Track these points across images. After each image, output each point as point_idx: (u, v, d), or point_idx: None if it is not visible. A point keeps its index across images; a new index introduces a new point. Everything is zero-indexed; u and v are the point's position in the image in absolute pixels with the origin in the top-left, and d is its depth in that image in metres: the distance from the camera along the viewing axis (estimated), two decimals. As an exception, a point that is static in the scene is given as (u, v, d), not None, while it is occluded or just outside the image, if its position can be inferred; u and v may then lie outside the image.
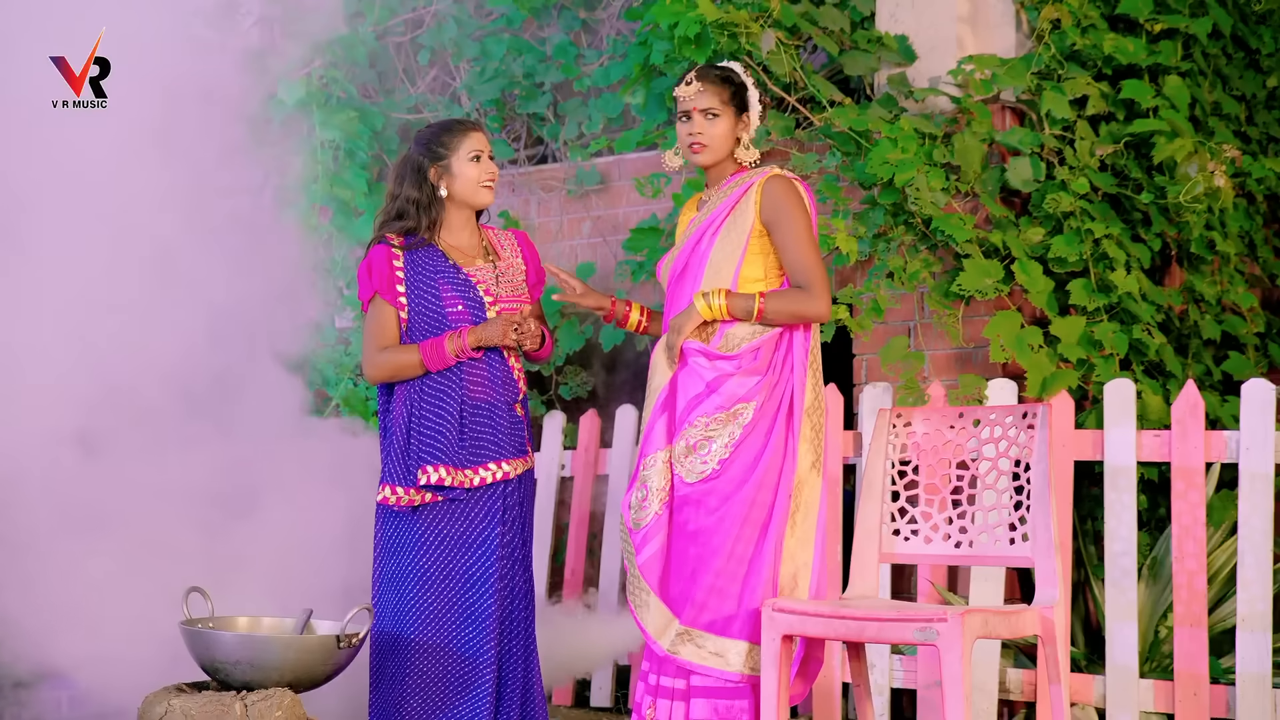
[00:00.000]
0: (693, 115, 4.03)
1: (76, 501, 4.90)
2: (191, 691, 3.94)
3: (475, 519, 4.15)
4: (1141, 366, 5.18)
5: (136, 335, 5.06)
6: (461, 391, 4.15)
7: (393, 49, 6.89)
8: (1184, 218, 5.22)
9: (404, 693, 4.11)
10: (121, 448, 5.01)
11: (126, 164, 5.14)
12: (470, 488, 4.14)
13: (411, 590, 4.12)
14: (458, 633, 4.12)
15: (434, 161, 4.20)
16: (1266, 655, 4.52)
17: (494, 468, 4.16)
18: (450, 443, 4.11)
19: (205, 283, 5.29)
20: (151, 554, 4.89)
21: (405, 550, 4.15)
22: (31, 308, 4.95)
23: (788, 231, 3.96)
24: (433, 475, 4.08)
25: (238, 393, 5.36)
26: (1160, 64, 5.43)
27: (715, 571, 3.91)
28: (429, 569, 4.13)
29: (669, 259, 4.15)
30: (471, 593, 4.13)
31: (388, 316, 4.19)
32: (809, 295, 3.94)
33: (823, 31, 5.52)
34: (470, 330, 4.12)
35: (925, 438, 4.14)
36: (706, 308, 3.95)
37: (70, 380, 4.93)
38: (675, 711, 3.93)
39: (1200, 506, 4.66)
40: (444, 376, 4.15)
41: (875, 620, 3.69)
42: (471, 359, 4.16)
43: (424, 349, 4.13)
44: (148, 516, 4.96)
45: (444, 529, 4.14)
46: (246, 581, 4.78)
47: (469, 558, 4.14)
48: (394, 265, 4.18)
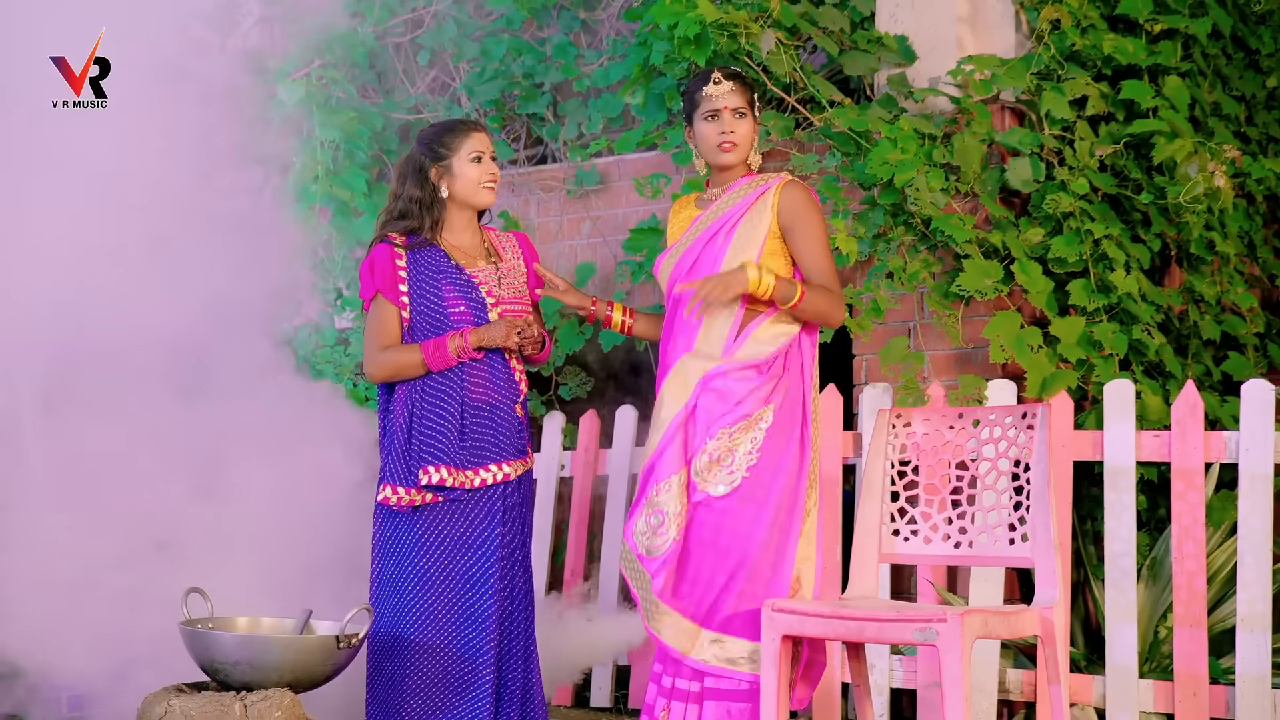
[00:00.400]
0: (722, 114, 4.02)
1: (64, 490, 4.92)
2: (191, 692, 3.94)
3: (475, 520, 4.15)
4: (1141, 367, 5.18)
5: (125, 334, 5.07)
6: (463, 392, 4.15)
7: (392, 49, 6.89)
8: (1184, 218, 5.23)
9: (403, 694, 4.11)
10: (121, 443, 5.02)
11: (125, 164, 5.14)
12: (471, 489, 4.14)
13: (411, 591, 4.12)
14: (458, 634, 4.12)
15: (435, 161, 4.21)
16: (1266, 655, 4.52)
17: (495, 469, 4.16)
18: (451, 443, 4.11)
19: (205, 283, 5.29)
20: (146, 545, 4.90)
21: (405, 551, 4.15)
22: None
23: (807, 236, 3.97)
24: (434, 475, 4.08)
25: (231, 385, 5.36)
26: (1160, 64, 5.43)
27: (748, 578, 3.90)
28: (429, 570, 4.12)
29: (669, 257, 4.12)
30: (471, 594, 4.13)
31: (390, 316, 4.18)
32: (836, 299, 3.97)
33: (822, 32, 5.52)
34: (473, 330, 4.12)
35: (925, 438, 4.14)
36: (756, 280, 3.90)
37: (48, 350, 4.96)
38: (689, 714, 3.93)
39: (1200, 507, 4.66)
40: (445, 377, 4.15)
41: (875, 620, 3.69)
42: (473, 360, 4.16)
43: (426, 349, 4.13)
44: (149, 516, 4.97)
45: (444, 530, 4.13)
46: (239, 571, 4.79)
47: (469, 559, 4.14)
48: (397, 264, 4.18)
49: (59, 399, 5.01)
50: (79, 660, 4.84)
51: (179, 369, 5.21)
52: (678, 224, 4.18)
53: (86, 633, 4.81)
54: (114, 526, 4.92)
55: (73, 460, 4.96)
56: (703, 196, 4.15)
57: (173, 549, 4.93)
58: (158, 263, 5.20)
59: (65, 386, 5.01)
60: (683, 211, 4.19)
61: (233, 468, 5.16)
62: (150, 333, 5.08)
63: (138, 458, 5.00)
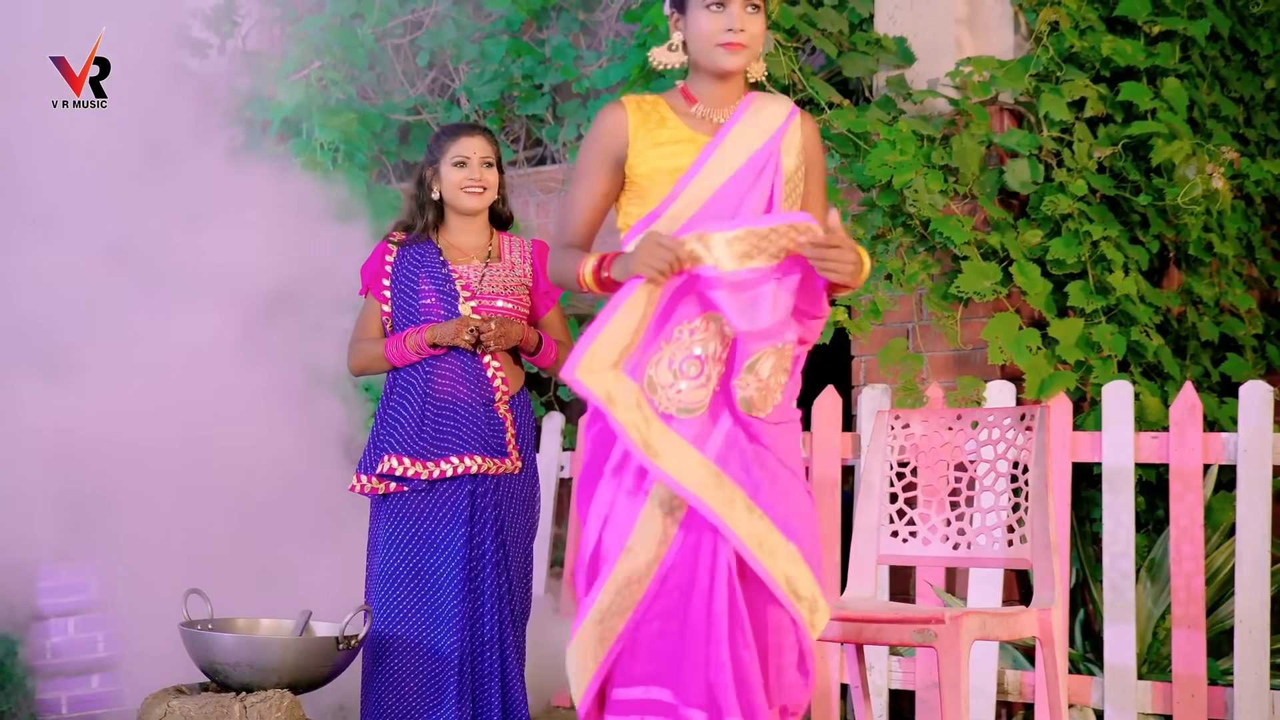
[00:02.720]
0: (729, 4, 3.11)
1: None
2: (191, 693, 3.95)
3: (440, 519, 4.17)
4: (1140, 368, 5.19)
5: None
6: (426, 386, 4.19)
7: (391, 51, 6.89)
8: (1182, 219, 5.23)
9: (382, 691, 4.14)
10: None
11: (124, 164, 5.14)
12: (431, 480, 4.14)
13: (385, 589, 4.17)
14: (427, 632, 4.14)
15: (430, 164, 4.29)
16: (1264, 657, 4.52)
17: (456, 461, 4.15)
18: (409, 434, 4.16)
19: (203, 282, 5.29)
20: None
21: (380, 549, 4.20)
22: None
23: (820, 179, 3.29)
24: (389, 464, 4.14)
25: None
26: (1158, 66, 5.43)
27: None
28: (399, 568, 4.17)
29: (688, 200, 3.12)
30: (437, 593, 4.15)
31: (371, 310, 4.31)
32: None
33: (821, 33, 5.53)
34: (429, 327, 4.17)
35: (923, 439, 4.14)
36: (866, 267, 3.12)
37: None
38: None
39: (1198, 508, 4.66)
40: (412, 371, 4.22)
41: (873, 621, 3.69)
42: (438, 355, 4.18)
43: (388, 343, 4.23)
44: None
45: (411, 528, 4.17)
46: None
47: (434, 559, 4.16)
48: (385, 261, 4.28)
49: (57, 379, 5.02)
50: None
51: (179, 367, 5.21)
52: (678, 150, 3.17)
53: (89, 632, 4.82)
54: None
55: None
56: (689, 111, 3.21)
57: (174, 549, 4.93)
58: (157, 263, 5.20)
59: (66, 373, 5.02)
60: (669, 129, 3.18)
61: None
62: (150, 330, 5.09)
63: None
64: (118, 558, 4.98)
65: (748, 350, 3.06)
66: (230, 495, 5.07)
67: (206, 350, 5.12)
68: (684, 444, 3.04)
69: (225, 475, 5.08)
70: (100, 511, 4.95)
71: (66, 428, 4.88)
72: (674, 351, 3.06)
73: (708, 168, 3.13)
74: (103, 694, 4.97)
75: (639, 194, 3.18)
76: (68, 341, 5.00)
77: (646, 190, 3.17)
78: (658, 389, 3.06)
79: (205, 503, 5.03)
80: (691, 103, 3.20)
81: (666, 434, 3.04)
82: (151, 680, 4.32)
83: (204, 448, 5.09)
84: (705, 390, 3.07)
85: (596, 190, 3.21)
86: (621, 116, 3.19)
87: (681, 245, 2.99)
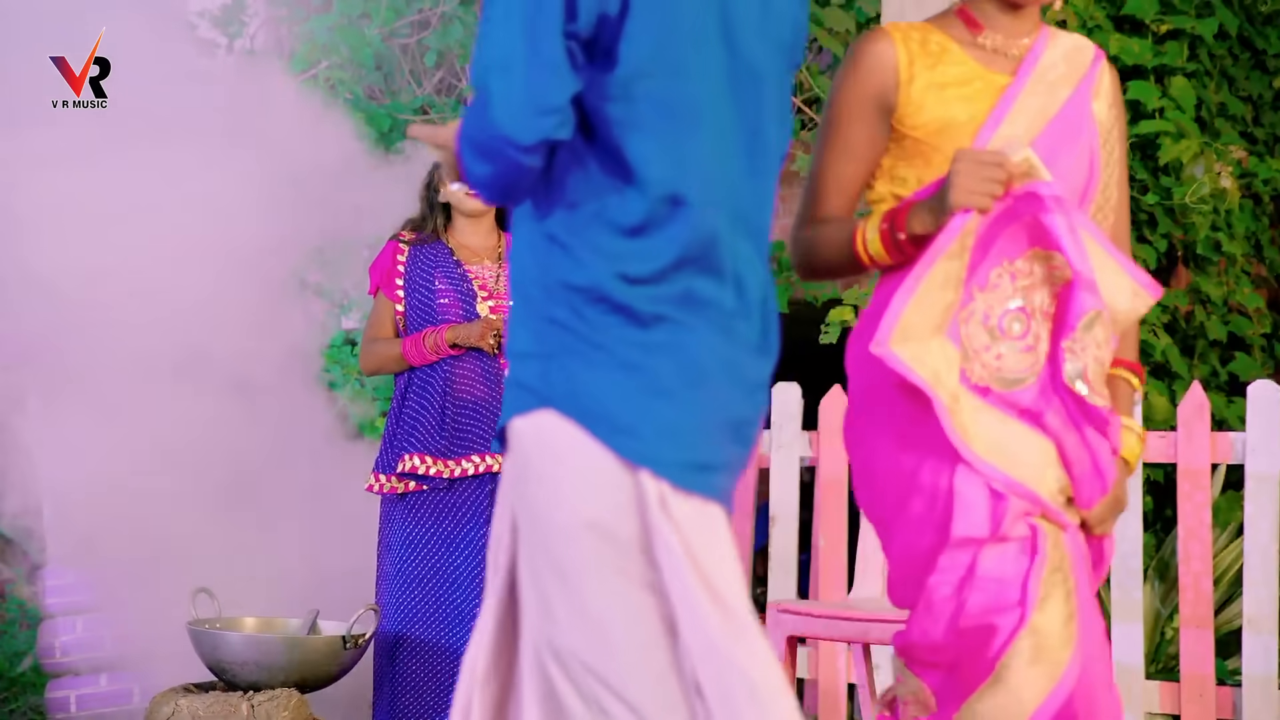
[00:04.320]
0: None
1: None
2: (198, 692, 3.95)
3: (461, 518, 4.16)
4: (1147, 368, 5.18)
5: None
6: (446, 385, 4.18)
7: (399, 50, 6.89)
8: (1190, 219, 5.22)
9: (399, 693, 4.13)
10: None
11: (126, 164, 5.14)
12: (452, 479, 4.13)
13: (401, 589, 4.16)
14: (448, 633, 4.14)
15: (437, 165, 4.27)
16: (1273, 657, 4.52)
17: (478, 460, 4.15)
18: (431, 432, 4.14)
19: (203, 281, 5.29)
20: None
21: (395, 549, 4.19)
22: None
23: (1125, 149, 2.52)
24: (409, 463, 4.11)
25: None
26: (1166, 65, 5.42)
27: None
28: (418, 568, 4.16)
29: (1003, 138, 2.35)
30: (458, 593, 4.14)
31: (384, 310, 4.28)
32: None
33: (828, 32, 5.52)
34: (450, 327, 4.16)
35: (931, 439, 4.12)
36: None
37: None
38: None
39: (1206, 508, 4.65)
40: (431, 370, 4.20)
41: (881, 621, 3.69)
42: (458, 356, 4.17)
43: (406, 342, 4.20)
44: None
45: (432, 528, 4.16)
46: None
47: (455, 558, 4.16)
48: (397, 260, 4.26)
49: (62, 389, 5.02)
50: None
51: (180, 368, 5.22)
52: (970, 93, 2.39)
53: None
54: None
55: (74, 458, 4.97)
56: (976, 42, 2.42)
57: (175, 549, 4.94)
58: (159, 263, 5.20)
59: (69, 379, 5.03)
60: (954, 64, 2.40)
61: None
62: (154, 332, 5.09)
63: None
64: (127, 556, 4.98)
65: (1084, 305, 2.29)
66: (237, 493, 5.08)
67: (216, 360, 5.14)
68: (1012, 423, 2.32)
69: (233, 473, 5.10)
70: (108, 510, 4.96)
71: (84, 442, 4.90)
72: (989, 302, 2.32)
73: (1012, 116, 2.37)
74: (111, 693, 4.98)
75: (914, 153, 2.41)
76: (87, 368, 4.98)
77: (926, 147, 2.39)
78: (969, 355, 2.32)
79: (214, 500, 5.04)
80: (977, 30, 2.42)
81: (982, 414, 2.30)
82: (159, 679, 4.33)
83: (212, 446, 5.10)
84: (1033, 355, 2.33)
85: (859, 146, 2.41)
86: (888, 50, 2.40)
87: (1008, 158, 2.24)
